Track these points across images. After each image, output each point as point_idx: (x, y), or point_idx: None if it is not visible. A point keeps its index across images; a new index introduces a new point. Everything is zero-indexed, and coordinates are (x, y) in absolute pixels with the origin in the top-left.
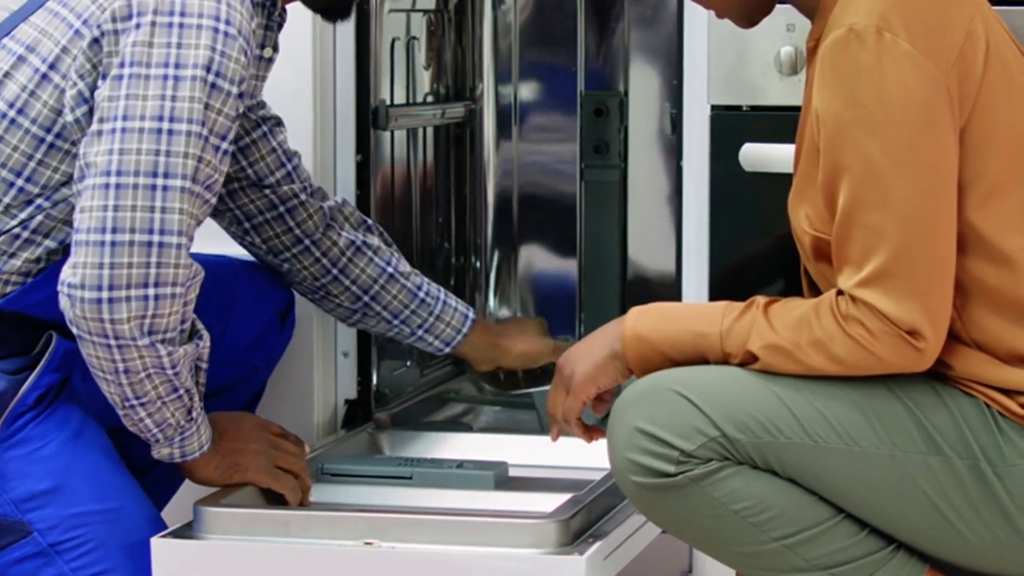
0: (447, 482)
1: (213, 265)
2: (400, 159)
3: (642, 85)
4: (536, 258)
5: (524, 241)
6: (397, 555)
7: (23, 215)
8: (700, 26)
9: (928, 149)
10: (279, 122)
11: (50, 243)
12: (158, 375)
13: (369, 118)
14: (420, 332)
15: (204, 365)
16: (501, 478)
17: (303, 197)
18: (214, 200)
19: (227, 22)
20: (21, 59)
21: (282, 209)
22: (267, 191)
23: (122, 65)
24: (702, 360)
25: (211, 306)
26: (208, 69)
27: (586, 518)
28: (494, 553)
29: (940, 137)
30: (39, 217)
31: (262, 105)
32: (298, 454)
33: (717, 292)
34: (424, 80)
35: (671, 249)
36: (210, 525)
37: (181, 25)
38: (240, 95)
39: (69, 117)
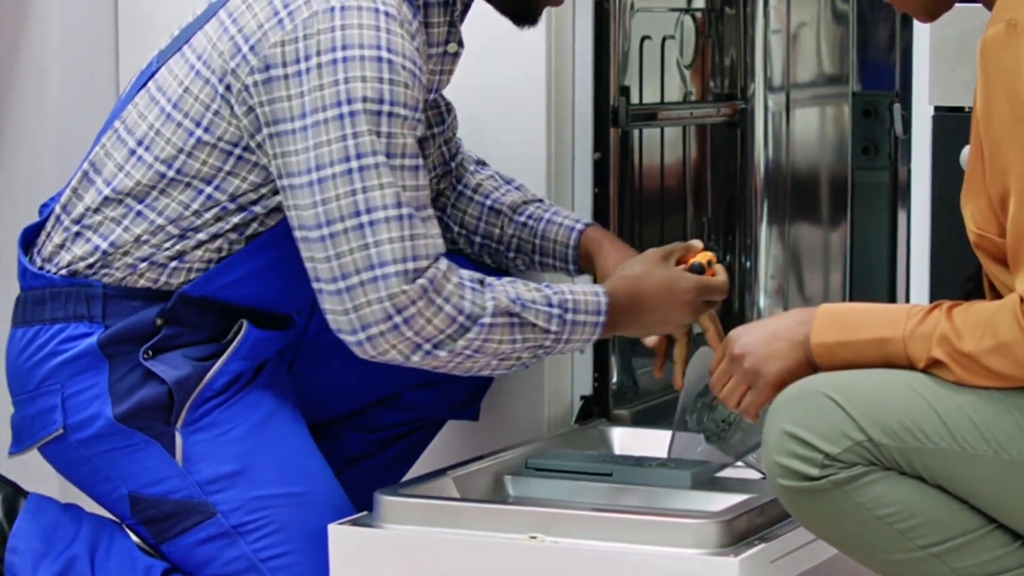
0: (645, 480)
1: None
2: (652, 158)
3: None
4: (806, 259)
5: (795, 242)
6: (559, 549)
7: (207, 215)
8: (924, 26)
9: None
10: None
11: (232, 234)
12: (470, 360)
13: (608, 116)
14: (538, 257)
15: (517, 306)
16: (700, 478)
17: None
18: (430, 209)
19: (388, 49)
20: (197, 73)
21: None
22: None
23: (303, 116)
24: (888, 367)
25: None
26: (380, 100)
27: (758, 520)
28: (652, 551)
29: None
30: (215, 210)
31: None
32: (714, 288)
33: (937, 296)
34: (687, 79)
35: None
36: (386, 514)
37: (344, 59)
38: (417, 115)
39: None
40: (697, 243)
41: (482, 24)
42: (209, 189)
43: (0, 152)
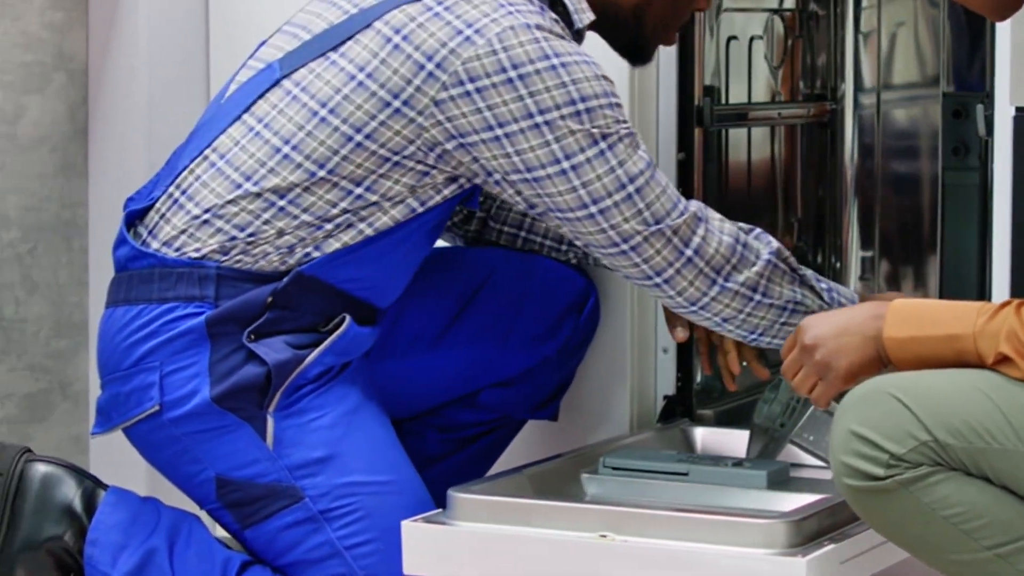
0: (721, 480)
1: (504, 260)
2: (739, 158)
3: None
4: (897, 261)
5: (885, 243)
6: (629, 548)
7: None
8: (1005, 25)
9: None
10: None
11: (368, 229)
12: (760, 309)
13: (692, 116)
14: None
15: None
16: (776, 478)
17: None
18: None
19: (587, 55)
20: (360, 84)
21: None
22: None
23: (530, 115)
24: (960, 363)
25: (502, 298)
26: (606, 94)
27: (829, 521)
28: (720, 551)
29: None
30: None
31: None
32: None
33: (1018, 296)
34: (775, 79)
35: None
36: (458, 511)
37: (564, 64)
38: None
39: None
40: None
41: None
42: (359, 190)
43: (90, 151)
